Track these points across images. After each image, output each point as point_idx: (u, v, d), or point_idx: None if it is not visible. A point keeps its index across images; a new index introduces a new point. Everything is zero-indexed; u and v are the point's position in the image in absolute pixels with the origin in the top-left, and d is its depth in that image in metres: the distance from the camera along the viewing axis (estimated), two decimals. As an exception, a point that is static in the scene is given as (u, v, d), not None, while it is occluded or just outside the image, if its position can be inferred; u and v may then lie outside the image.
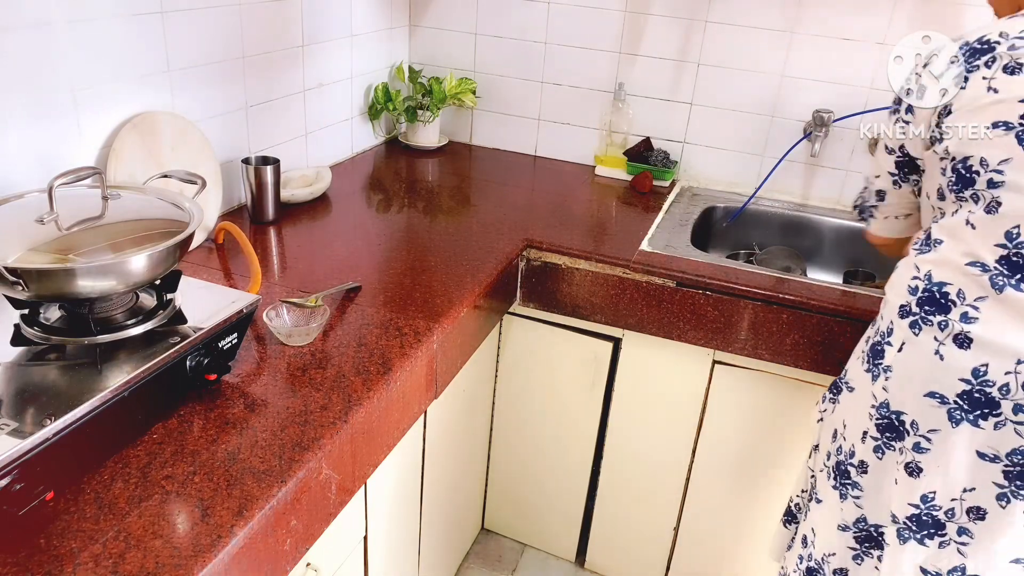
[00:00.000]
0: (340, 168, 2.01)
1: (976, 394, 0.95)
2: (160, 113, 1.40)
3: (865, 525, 1.12)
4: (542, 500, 1.95)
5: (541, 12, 2.07)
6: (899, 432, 1.04)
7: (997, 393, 0.94)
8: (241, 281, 1.38)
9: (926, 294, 1.01)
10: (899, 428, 1.03)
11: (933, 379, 0.99)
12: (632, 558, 1.90)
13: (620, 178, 2.07)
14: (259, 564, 0.88)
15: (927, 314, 1.00)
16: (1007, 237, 0.94)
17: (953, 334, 0.97)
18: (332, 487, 1.01)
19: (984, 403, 0.95)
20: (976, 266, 0.97)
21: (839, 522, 1.15)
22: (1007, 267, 0.94)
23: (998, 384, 0.94)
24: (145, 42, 1.36)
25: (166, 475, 0.89)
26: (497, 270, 1.51)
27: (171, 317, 1.02)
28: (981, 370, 0.95)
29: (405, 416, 1.22)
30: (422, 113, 2.15)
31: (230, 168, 1.64)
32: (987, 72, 0.97)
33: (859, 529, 1.13)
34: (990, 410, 0.95)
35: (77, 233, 0.97)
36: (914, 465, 1.02)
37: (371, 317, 1.28)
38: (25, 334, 0.96)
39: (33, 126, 1.20)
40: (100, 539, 0.80)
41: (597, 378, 1.72)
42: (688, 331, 1.56)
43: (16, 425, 0.81)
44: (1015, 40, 0.96)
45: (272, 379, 1.10)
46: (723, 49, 1.92)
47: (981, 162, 0.97)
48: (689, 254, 1.61)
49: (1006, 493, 0.96)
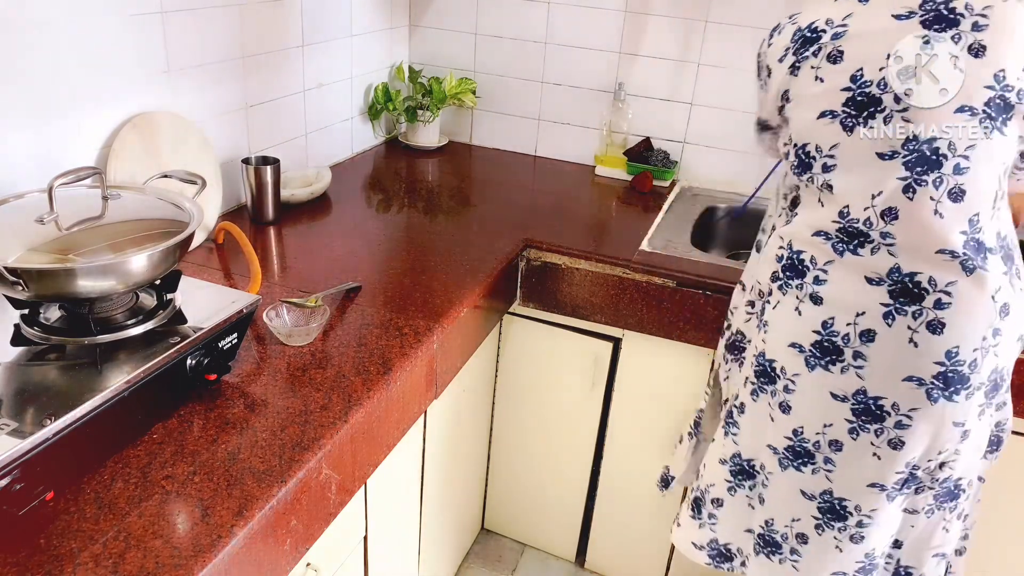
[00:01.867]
0: (340, 168, 2.01)
1: (825, 343, 1.10)
2: (160, 113, 1.40)
3: (739, 460, 1.28)
4: (542, 500, 1.95)
5: (541, 12, 2.07)
6: (771, 377, 1.18)
7: (840, 342, 1.09)
8: (241, 281, 1.38)
9: (788, 262, 1.15)
10: (770, 374, 1.18)
11: (794, 331, 1.13)
12: (632, 558, 1.90)
13: (620, 178, 2.07)
14: (259, 564, 0.88)
15: (788, 278, 1.15)
16: (839, 215, 1.08)
17: (808, 294, 1.12)
18: (332, 487, 1.01)
19: (831, 350, 1.10)
20: (820, 235, 1.10)
21: (719, 456, 1.31)
22: (844, 235, 1.08)
23: (841, 334, 1.09)
24: (145, 42, 1.36)
25: (166, 475, 0.89)
26: (497, 270, 1.51)
27: (171, 317, 1.02)
28: (828, 322, 1.09)
29: (405, 416, 1.22)
30: (422, 113, 2.15)
31: (230, 168, 1.64)
32: (815, 61, 1.06)
33: (735, 464, 1.29)
34: (836, 356, 1.09)
35: (77, 233, 0.97)
36: (785, 404, 1.17)
37: (371, 317, 1.28)
38: (25, 334, 0.96)
39: (33, 126, 1.20)
40: (100, 539, 0.80)
41: (597, 378, 1.72)
42: (688, 331, 1.56)
43: (16, 425, 0.81)
44: (838, 28, 1.05)
45: (272, 379, 1.10)
46: (723, 49, 1.92)
47: (816, 147, 1.09)
48: (689, 254, 1.61)
49: (855, 427, 1.11)
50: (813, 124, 1.08)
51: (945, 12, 0.99)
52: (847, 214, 1.07)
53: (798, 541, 1.22)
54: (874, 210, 1.04)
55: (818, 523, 1.19)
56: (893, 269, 1.04)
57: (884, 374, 1.07)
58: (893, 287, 1.05)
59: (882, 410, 1.08)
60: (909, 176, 1.01)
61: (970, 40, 0.98)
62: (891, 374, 1.06)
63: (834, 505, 1.16)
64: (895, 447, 1.09)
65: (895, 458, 1.10)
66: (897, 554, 1.23)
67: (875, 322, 1.06)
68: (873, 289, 1.06)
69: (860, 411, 1.09)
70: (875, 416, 1.09)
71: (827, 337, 1.10)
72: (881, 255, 1.05)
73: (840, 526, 1.17)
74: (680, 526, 1.42)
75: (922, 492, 1.16)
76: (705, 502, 1.35)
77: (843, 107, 1.04)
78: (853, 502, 1.15)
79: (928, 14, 0.99)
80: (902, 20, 1.01)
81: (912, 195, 1.02)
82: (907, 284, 1.04)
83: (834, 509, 1.17)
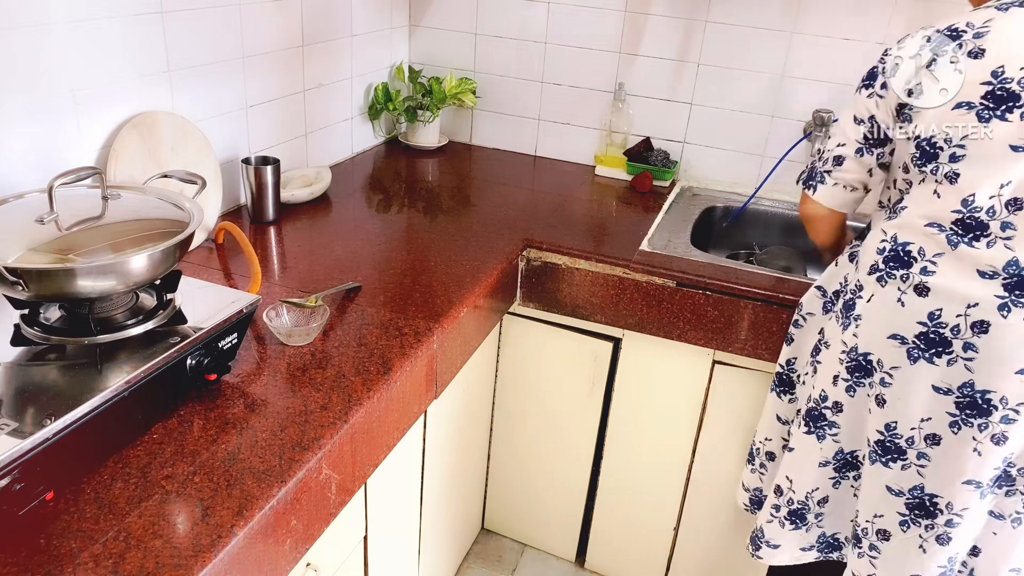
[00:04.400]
0: (340, 168, 2.01)
1: (931, 335, 1.10)
2: (160, 113, 1.40)
3: (842, 455, 1.27)
4: (542, 500, 1.95)
5: (541, 12, 2.07)
6: (867, 370, 1.18)
7: (949, 333, 1.09)
8: (241, 281, 1.38)
9: (892, 253, 1.15)
10: (867, 367, 1.17)
11: (895, 323, 1.13)
12: (632, 558, 1.91)
13: (620, 178, 2.07)
14: (259, 564, 0.88)
15: (891, 269, 1.14)
16: (963, 204, 1.08)
17: (913, 285, 1.11)
18: (332, 487, 1.01)
19: (938, 342, 1.09)
20: (934, 227, 1.11)
21: (819, 460, 1.28)
22: (961, 228, 1.08)
23: (950, 325, 1.08)
24: (145, 42, 1.36)
25: (166, 475, 0.89)
26: (497, 270, 1.51)
27: (171, 317, 1.02)
28: (936, 314, 1.09)
29: (405, 416, 1.22)
30: (422, 113, 2.15)
31: (230, 168, 1.64)
32: (954, 56, 1.08)
33: (838, 460, 1.28)
34: (943, 348, 1.09)
35: (77, 233, 0.97)
36: (880, 398, 1.16)
37: (371, 317, 1.28)
38: (25, 334, 0.96)
39: (33, 126, 1.20)
40: (100, 539, 0.80)
41: (597, 378, 1.72)
42: (688, 331, 1.56)
43: (16, 425, 0.81)
44: (979, 29, 1.07)
45: (272, 379, 1.10)
46: (723, 49, 1.92)
47: (945, 139, 1.08)
48: (689, 254, 1.61)
49: (957, 421, 1.10)
50: (947, 115, 1.08)
51: None
52: (971, 202, 1.07)
53: (879, 538, 1.21)
54: (999, 199, 1.06)
55: (903, 520, 1.18)
56: (1010, 263, 1.05)
57: (996, 367, 1.06)
58: (1008, 280, 1.05)
59: (989, 404, 1.07)
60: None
61: None
62: (1004, 367, 1.06)
63: (924, 501, 1.15)
64: (998, 443, 1.08)
65: (996, 453, 1.09)
66: (972, 563, 1.21)
67: (989, 313, 1.06)
68: (987, 282, 1.06)
69: (965, 404, 1.09)
70: (981, 410, 1.08)
71: (934, 328, 1.09)
72: (997, 248, 1.06)
73: (928, 523, 1.16)
74: (778, 546, 1.37)
75: (1012, 496, 1.15)
76: (810, 508, 1.32)
77: (981, 99, 1.05)
78: (945, 499, 1.14)
79: None
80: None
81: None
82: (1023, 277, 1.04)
83: (923, 506, 1.16)
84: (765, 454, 1.45)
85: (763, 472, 1.46)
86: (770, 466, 1.44)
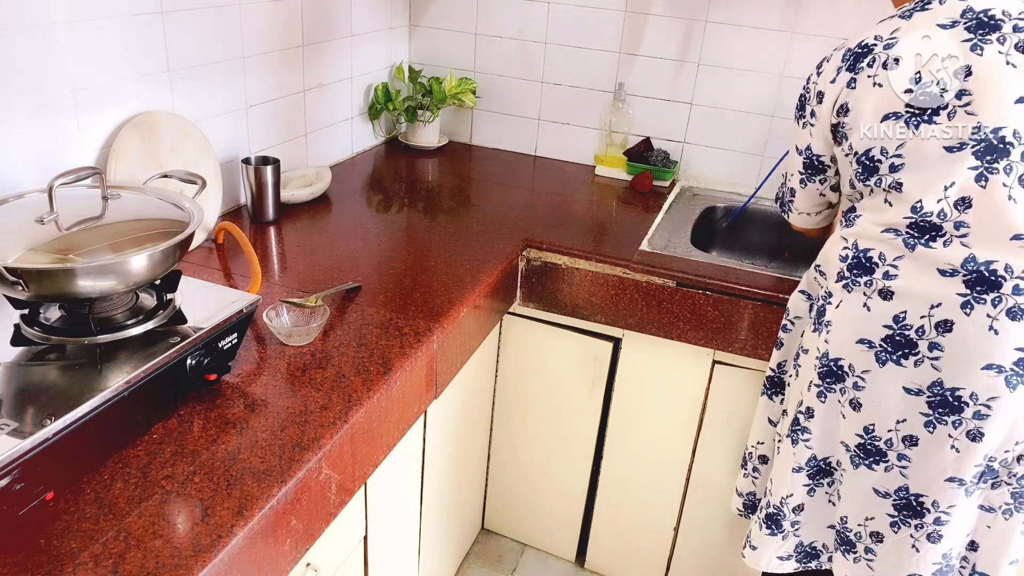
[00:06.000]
0: (340, 168, 2.01)
1: (897, 337, 1.12)
2: (160, 113, 1.40)
3: (815, 462, 1.27)
4: (542, 500, 1.95)
5: (541, 12, 2.07)
6: (838, 376, 1.19)
7: (914, 335, 1.10)
8: (241, 281, 1.38)
9: (855, 260, 1.16)
10: (837, 372, 1.19)
11: (863, 328, 1.15)
12: (632, 558, 1.90)
13: (620, 178, 2.07)
14: (259, 564, 0.88)
15: (855, 276, 1.16)
16: (912, 211, 1.10)
17: (878, 290, 1.13)
18: (332, 487, 1.01)
19: (904, 344, 1.11)
20: (890, 232, 1.12)
21: (793, 465, 1.29)
22: (916, 230, 1.10)
23: (915, 327, 1.10)
24: (145, 42, 1.36)
25: (166, 475, 0.89)
26: (497, 270, 1.51)
27: (171, 317, 1.02)
28: (901, 316, 1.11)
29: (405, 416, 1.22)
30: (422, 113, 2.15)
31: (230, 168, 1.64)
32: (870, 71, 1.11)
33: (811, 467, 1.28)
34: (909, 350, 1.11)
35: (77, 233, 0.97)
36: (856, 401, 1.17)
37: (371, 317, 1.28)
38: (25, 334, 0.96)
39: (33, 126, 1.20)
40: (100, 539, 0.80)
41: (597, 378, 1.72)
42: (688, 331, 1.56)
43: (16, 425, 0.81)
44: (888, 40, 1.11)
45: (272, 379, 1.10)
46: (723, 49, 1.92)
47: (882, 151, 1.11)
48: (689, 254, 1.61)
49: (932, 420, 1.12)
50: (877, 128, 1.11)
51: (985, 19, 1.05)
52: (920, 208, 1.09)
53: (872, 540, 1.22)
54: (947, 201, 1.07)
55: (894, 520, 1.19)
56: (968, 259, 1.06)
57: (962, 364, 1.08)
58: (968, 277, 1.06)
59: (960, 400, 1.09)
60: (980, 165, 1.05)
61: (1015, 40, 1.04)
62: (970, 363, 1.07)
63: (911, 501, 1.16)
64: (975, 439, 1.10)
65: (974, 450, 1.10)
66: (973, 558, 1.22)
67: (952, 312, 1.07)
68: (948, 280, 1.07)
69: (936, 403, 1.10)
70: (953, 407, 1.09)
71: (900, 331, 1.11)
72: (954, 247, 1.07)
73: (917, 523, 1.17)
74: (756, 548, 1.37)
75: (999, 488, 1.15)
76: (785, 515, 1.32)
77: (906, 107, 1.08)
78: (931, 498, 1.15)
79: (970, 22, 1.06)
80: (947, 29, 1.07)
81: (984, 183, 1.04)
82: (983, 273, 1.05)
83: (911, 506, 1.17)
84: (758, 458, 1.45)
85: (756, 476, 1.46)
86: (763, 470, 1.44)
